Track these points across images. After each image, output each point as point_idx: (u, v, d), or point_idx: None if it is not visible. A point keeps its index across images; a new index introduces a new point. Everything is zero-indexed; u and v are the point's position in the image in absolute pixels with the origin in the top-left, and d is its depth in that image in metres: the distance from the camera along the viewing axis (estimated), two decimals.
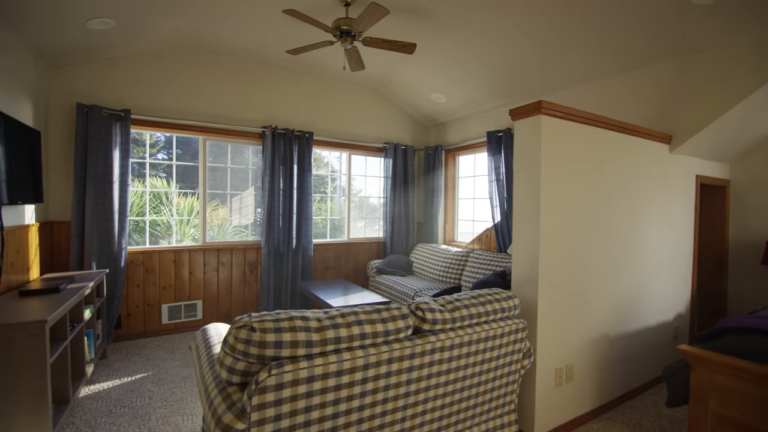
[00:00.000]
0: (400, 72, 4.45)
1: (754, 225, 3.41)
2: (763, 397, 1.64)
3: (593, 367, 2.39)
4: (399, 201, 5.22)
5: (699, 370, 1.83)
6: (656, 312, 2.86)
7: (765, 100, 2.62)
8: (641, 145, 2.68)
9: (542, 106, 1.98)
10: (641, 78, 3.10)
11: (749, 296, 3.44)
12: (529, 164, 2.08)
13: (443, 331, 1.65)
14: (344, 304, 3.14)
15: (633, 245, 2.64)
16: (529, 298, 2.08)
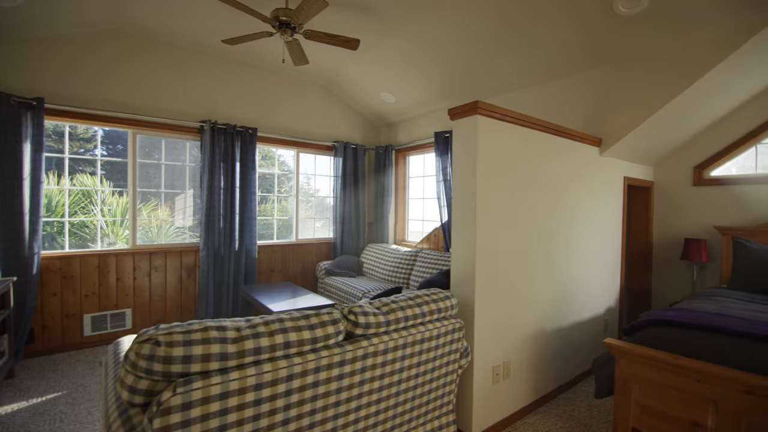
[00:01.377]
0: (348, 69, 4.37)
1: (674, 223, 3.70)
2: (675, 385, 1.74)
3: (530, 362, 2.45)
4: (349, 201, 5.14)
5: (622, 362, 1.92)
6: (589, 306, 3.01)
7: (680, 108, 2.84)
8: (574, 147, 2.80)
9: (478, 106, 1.99)
10: (575, 84, 3.25)
11: (671, 289, 3.73)
12: (466, 164, 2.08)
13: (377, 335, 1.60)
14: (287, 308, 3.01)
15: (567, 243, 2.75)
16: (466, 297, 2.08)
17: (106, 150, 4.75)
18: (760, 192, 3.20)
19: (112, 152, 4.30)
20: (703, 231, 3.50)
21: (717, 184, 3.44)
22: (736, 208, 3.32)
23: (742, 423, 1.56)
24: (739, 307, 2.32)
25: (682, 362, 1.70)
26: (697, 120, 3.24)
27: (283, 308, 2.96)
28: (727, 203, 3.37)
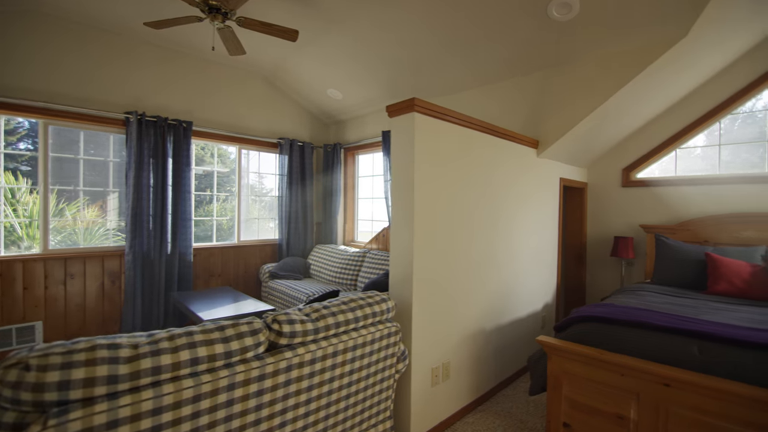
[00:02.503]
0: (292, 63, 4.19)
1: (605, 222, 3.92)
2: (602, 380, 1.79)
3: (470, 361, 2.45)
4: (296, 200, 4.95)
5: (554, 358, 1.95)
6: (527, 303, 3.08)
7: (608, 113, 2.99)
8: (512, 148, 2.85)
9: (415, 103, 1.94)
10: (515, 87, 3.33)
11: (602, 284, 3.95)
12: (403, 162, 2.03)
13: (303, 345, 1.49)
14: (221, 315, 2.80)
15: (507, 242, 2.79)
16: (404, 300, 2.03)
17: (32, 144, 4.20)
18: (680, 193, 3.46)
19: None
20: (631, 229, 3.74)
21: (642, 186, 3.68)
22: (659, 208, 3.57)
23: (661, 413, 1.63)
24: (660, 300, 2.46)
25: (607, 357, 1.75)
26: (624, 125, 3.44)
27: (214, 316, 2.74)
28: (651, 203, 3.62)
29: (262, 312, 2.93)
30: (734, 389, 1.43)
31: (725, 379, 1.50)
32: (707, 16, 2.31)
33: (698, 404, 1.53)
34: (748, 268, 2.63)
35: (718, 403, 1.49)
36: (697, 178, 3.39)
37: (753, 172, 3.19)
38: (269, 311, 2.97)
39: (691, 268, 2.94)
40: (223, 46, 3.80)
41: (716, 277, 2.70)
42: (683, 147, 3.58)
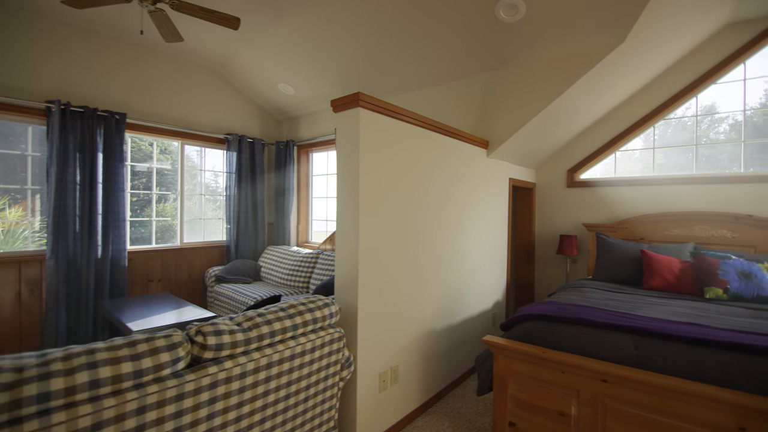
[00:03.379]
0: (240, 55, 3.97)
1: (552, 221, 4.06)
2: (544, 378, 1.81)
3: (420, 363, 2.41)
4: (246, 200, 4.71)
5: (499, 358, 1.94)
6: (478, 302, 3.11)
7: (553, 115, 3.07)
8: (463, 148, 2.85)
9: (360, 98, 1.86)
10: (466, 87, 3.34)
11: (549, 281, 4.08)
12: (348, 159, 1.94)
13: (232, 358, 1.36)
14: (154, 324, 2.57)
15: (457, 242, 2.79)
16: (350, 303, 1.94)
17: None
18: (619, 193, 3.64)
19: None
20: (575, 228, 3.89)
21: (586, 186, 3.84)
22: (601, 207, 3.74)
23: (599, 409, 1.66)
24: (600, 297, 2.55)
25: (549, 355, 1.76)
26: (569, 127, 3.56)
27: (146, 325, 2.51)
28: (593, 203, 3.78)
29: (204, 319, 2.73)
30: (664, 382, 1.48)
31: (656, 373, 1.55)
32: (641, 25, 2.42)
33: (633, 398, 1.57)
34: (679, 264, 2.80)
35: (650, 396, 1.53)
36: (634, 179, 3.59)
37: (683, 173, 3.42)
38: (210, 318, 2.77)
39: (628, 265, 3.09)
40: (148, 29, 3.52)
41: (651, 273, 2.85)
42: (622, 150, 3.78)
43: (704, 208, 3.23)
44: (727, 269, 2.55)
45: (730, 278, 2.51)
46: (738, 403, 1.34)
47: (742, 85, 3.22)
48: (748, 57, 3.16)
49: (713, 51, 3.23)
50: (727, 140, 3.32)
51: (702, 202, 3.25)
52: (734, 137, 3.28)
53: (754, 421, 1.33)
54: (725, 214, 3.07)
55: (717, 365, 1.50)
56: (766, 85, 3.17)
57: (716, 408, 1.40)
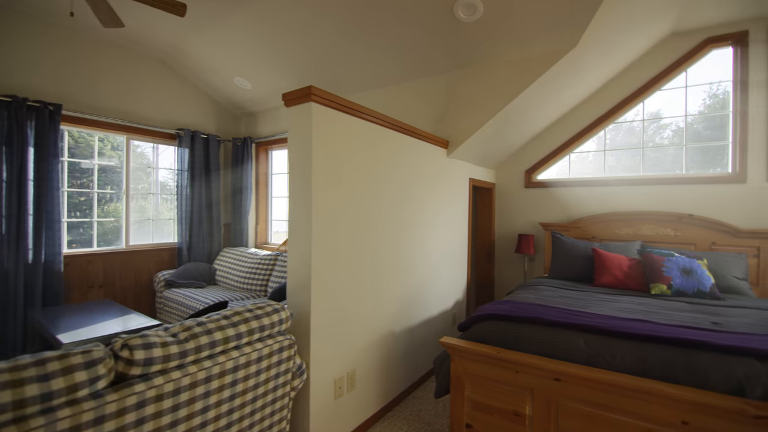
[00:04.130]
0: (192, 45, 3.75)
1: (511, 220, 4.14)
2: (499, 378, 1.80)
3: (378, 367, 2.36)
4: (200, 199, 4.47)
5: (456, 359, 1.92)
6: (438, 302, 3.09)
7: (511, 117, 3.12)
8: (423, 147, 2.82)
9: (312, 92, 1.77)
10: (427, 86, 3.32)
11: (508, 279, 4.16)
12: (300, 156, 1.85)
13: (164, 373, 1.23)
14: (89, 335, 2.35)
15: (417, 241, 2.76)
16: (302, 308, 1.85)
17: None
18: (573, 193, 3.76)
19: None
20: (532, 227, 3.98)
21: (542, 186, 3.94)
22: (556, 207, 3.85)
23: (552, 407, 1.67)
24: (555, 294, 2.61)
25: (503, 355, 1.76)
26: (527, 129, 3.64)
27: (80, 337, 2.29)
28: (549, 203, 3.89)
29: (147, 328, 2.53)
30: (612, 379, 1.50)
31: (605, 371, 1.57)
32: (592, 31, 2.49)
33: (584, 396, 1.59)
34: (627, 261, 2.92)
35: (600, 393, 1.56)
36: (587, 180, 3.72)
37: (631, 175, 3.58)
38: (154, 327, 2.57)
39: (581, 263, 3.19)
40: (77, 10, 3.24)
41: (602, 271, 2.95)
42: (576, 152, 3.91)
43: (650, 208, 3.39)
44: (670, 266, 2.68)
45: (673, 275, 2.64)
46: (680, 398, 1.38)
47: (684, 92, 3.41)
48: (689, 66, 3.35)
49: (658, 59, 3.40)
50: (670, 144, 3.51)
51: (648, 203, 3.41)
52: (677, 142, 3.47)
53: (696, 414, 1.38)
54: (669, 213, 3.24)
55: (662, 361, 1.54)
56: (705, 94, 3.38)
57: (661, 403, 1.43)
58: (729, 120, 3.22)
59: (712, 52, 3.28)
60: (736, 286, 2.72)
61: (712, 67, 3.30)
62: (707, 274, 2.61)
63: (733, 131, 3.18)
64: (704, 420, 1.36)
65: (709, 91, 3.37)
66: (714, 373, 1.43)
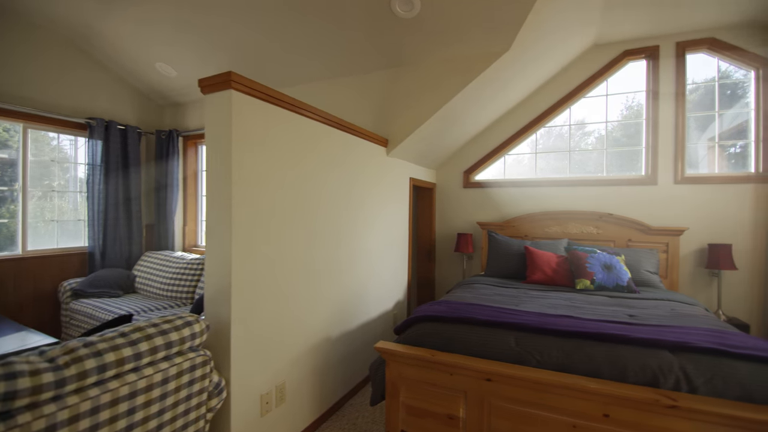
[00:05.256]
0: (107, 25, 3.32)
1: (450, 220, 4.19)
2: (434, 381, 1.75)
3: (312, 376, 2.22)
4: (116, 197, 4.00)
5: (391, 364, 1.85)
6: (378, 303, 3.03)
7: (448, 117, 3.13)
8: (361, 145, 2.73)
9: (232, 78, 1.60)
10: (368, 83, 3.24)
11: (448, 278, 4.21)
12: (218, 150, 1.67)
13: (33, 408, 1.01)
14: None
15: (356, 242, 2.66)
16: (221, 318, 1.67)
17: None
18: (507, 194, 3.90)
19: None
20: (470, 226, 4.07)
21: (479, 187, 4.04)
22: (492, 207, 3.97)
23: (485, 408, 1.66)
24: (490, 292, 2.65)
25: (437, 358, 1.72)
26: (465, 129, 3.70)
27: None
28: (486, 202, 4.00)
29: (36, 348, 2.16)
30: (539, 377, 1.52)
31: (533, 368, 1.59)
32: (523, 36, 2.56)
33: (514, 395, 1.60)
34: (555, 258, 3.06)
35: (529, 392, 1.57)
36: (520, 181, 3.87)
37: (559, 176, 3.78)
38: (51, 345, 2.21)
39: (515, 261, 3.30)
40: None
41: (533, 268, 3.06)
42: (511, 153, 4.05)
43: (576, 208, 3.60)
44: (593, 262, 2.85)
45: (595, 270, 2.80)
46: (602, 392, 1.42)
47: (605, 100, 3.67)
48: (609, 76, 3.60)
49: (582, 69, 3.62)
50: (593, 149, 3.75)
51: (574, 202, 3.62)
52: (599, 146, 3.72)
53: (616, 407, 1.42)
54: (592, 212, 3.46)
55: (585, 356, 1.59)
56: (622, 105, 3.66)
57: (584, 398, 1.47)
58: (643, 127, 3.51)
59: (629, 64, 3.56)
60: (649, 279, 2.96)
61: (629, 78, 3.58)
62: (625, 269, 2.81)
63: (646, 137, 3.47)
64: (623, 412, 1.41)
65: (625, 102, 3.66)
66: (632, 365, 1.50)
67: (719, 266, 2.92)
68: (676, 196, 3.28)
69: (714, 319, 2.04)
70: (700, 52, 3.28)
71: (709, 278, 3.17)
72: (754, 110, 3.12)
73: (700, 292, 3.19)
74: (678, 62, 3.29)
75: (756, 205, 3.05)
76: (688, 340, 1.52)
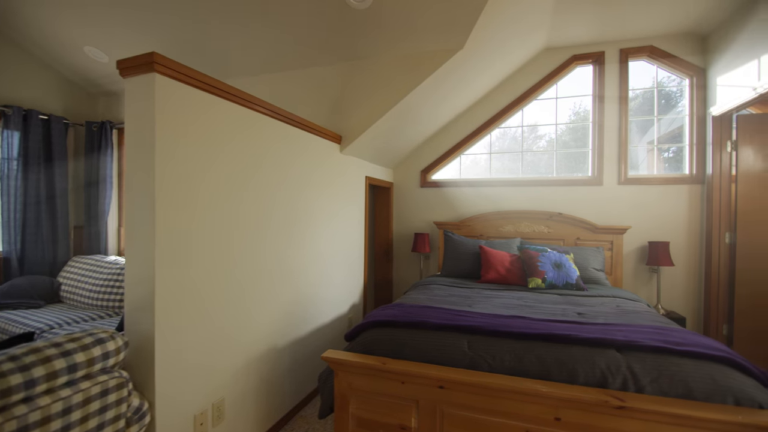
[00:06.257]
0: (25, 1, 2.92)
1: (408, 219, 4.14)
2: (385, 391, 1.66)
3: (257, 389, 2.06)
4: (37, 196, 3.56)
5: (340, 375, 1.73)
6: (332, 307, 2.90)
7: (404, 114, 3.07)
8: (314, 141, 2.59)
9: (155, 60, 1.42)
10: (321, 76, 3.09)
11: (407, 279, 4.16)
12: (141, 143, 1.47)
13: None
14: None
15: (308, 243, 2.51)
16: (144, 333, 1.47)
17: None
18: (463, 193, 3.90)
19: None
20: (427, 226, 4.04)
21: (436, 186, 4.02)
22: (448, 206, 3.96)
23: (437, 417, 1.59)
24: (445, 293, 2.60)
25: (388, 366, 1.62)
26: (422, 128, 3.65)
27: None
28: (442, 202, 3.98)
29: None
30: (491, 382, 1.47)
31: (485, 373, 1.54)
32: (477, 35, 2.53)
33: (466, 402, 1.54)
34: (509, 257, 3.08)
35: (481, 398, 1.51)
36: (475, 180, 3.89)
37: (512, 177, 3.84)
38: None
39: (470, 260, 3.29)
40: None
41: (487, 267, 3.06)
42: (466, 153, 4.07)
43: (528, 207, 3.67)
44: (544, 261, 2.89)
45: (546, 269, 2.85)
46: (551, 395, 1.39)
47: (555, 103, 3.77)
48: (559, 79, 3.70)
49: (534, 71, 3.69)
50: (544, 151, 3.85)
51: (527, 202, 3.69)
52: (550, 149, 3.82)
53: (566, 410, 1.40)
54: (543, 212, 3.53)
55: (536, 357, 1.56)
56: (570, 111, 3.78)
57: (536, 402, 1.44)
58: (590, 130, 3.64)
59: (577, 69, 3.68)
60: (595, 276, 3.05)
61: (577, 83, 3.70)
62: (574, 267, 2.87)
63: (592, 140, 3.59)
64: (574, 414, 1.39)
65: (572, 108, 3.79)
66: (581, 366, 1.48)
67: (658, 263, 3.08)
68: (619, 197, 3.42)
69: (656, 315, 2.11)
70: (641, 59, 3.44)
71: (649, 274, 3.33)
72: (689, 116, 3.33)
73: (642, 288, 3.35)
74: (621, 68, 3.44)
75: (690, 204, 3.25)
76: (634, 338, 1.53)
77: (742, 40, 2.71)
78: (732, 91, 2.82)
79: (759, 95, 2.51)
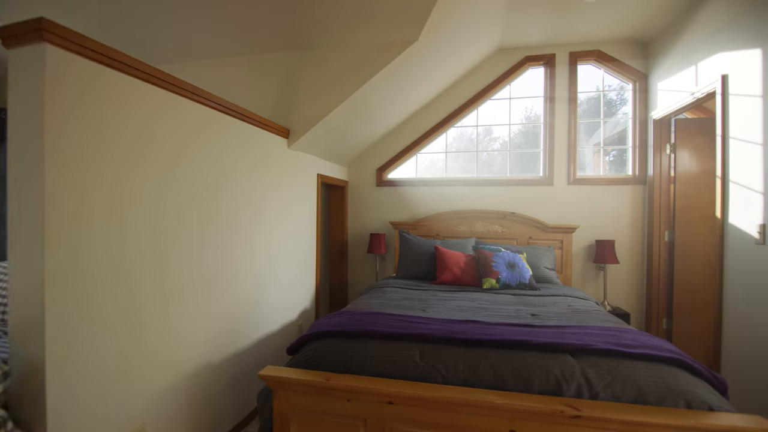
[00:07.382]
0: None
1: (363, 219, 4.00)
2: (329, 410, 1.50)
3: (187, 412, 1.82)
4: None
5: (279, 394, 1.55)
6: (280, 315, 2.69)
7: (356, 109, 2.92)
8: (257, 135, 2.38)
9: (43, 27, 1.16)
10: (267, 64, 2.86)
11: (362, 281, 4.01)
12: (24, 127, 1.21)
13: None
14: None
15: (248, 246, 2.29)
16: (32, 359, 1.21)
17: None
18: (419, 192, 3.82)
19: None
20: (383, 226, 3.92)
21: (392, 185, 3.91)
22: (404, 206, 3.86)
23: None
24: (398, 297, 2.49)
25: (333, 382, 1.47)
26: (377, 125, 3.52)
27: None
28: (398, 201, 3.88)
29: None
30: (444, 396, 1.36)
31: (438, 386, 1.43)
32: (430, 28, 2.44)
33: (418, 417, 1.42)
34: (464, 258, 3.03)
35: (434, 412, 1.40)
36: (431, 179, 3.83)
37: (467, 176, 3.82)
38: None
39: (425, 261, 3.21)
40: None
41: (442, 268, 2.99)
42: (422, 152, 3.99)
43: (483, 207, 3.66)
44: (498, 261, 2.86)
45: (500, 269, 2.82)
46: (505, 407, 1.31)
47: (509, 103, 3.79)
48: (512, 80, 3.72)
49: (488, 71, 3.69)
50: (499, 151, 3.86)
51: (481, 202, 3.67)
52: (503, 149, 3.84)
53: (522, 421, 1.32)
54: (497, 211, 3.53)
55: (491, 366, 1.47)
56: (522, 114, 3.82)
57: (490, 414, 1.34)
58: (541, 131, 3.69)
59: (530, 70, 3.72)
60: (547, 275, 3.08)
61: (530, 84, 3.75)
62: (527, 267, 2.87)
63: (544, 140, 3.65)
64: (529, 426, 1.32)
65: (524, 112, 3.83)
66: (536, 373, 1.42)
67: (605, 260, 3.16)
68: (569, 196, 3.50)
69: (606, 315, 2.12)
70: (589, 63, 3.54)
71: (596, 272, 3.43)
72: (632, 119, 3.46)
73: (589, 285, 3.44)
74: (571, 70, 3.51)
75: (633, 204, 3.37)
76: (588, 342, 1.49)
77: (681, 46, 2.83)
78: (671, 95, 2.95)
79: (696, 99, 2.63)
